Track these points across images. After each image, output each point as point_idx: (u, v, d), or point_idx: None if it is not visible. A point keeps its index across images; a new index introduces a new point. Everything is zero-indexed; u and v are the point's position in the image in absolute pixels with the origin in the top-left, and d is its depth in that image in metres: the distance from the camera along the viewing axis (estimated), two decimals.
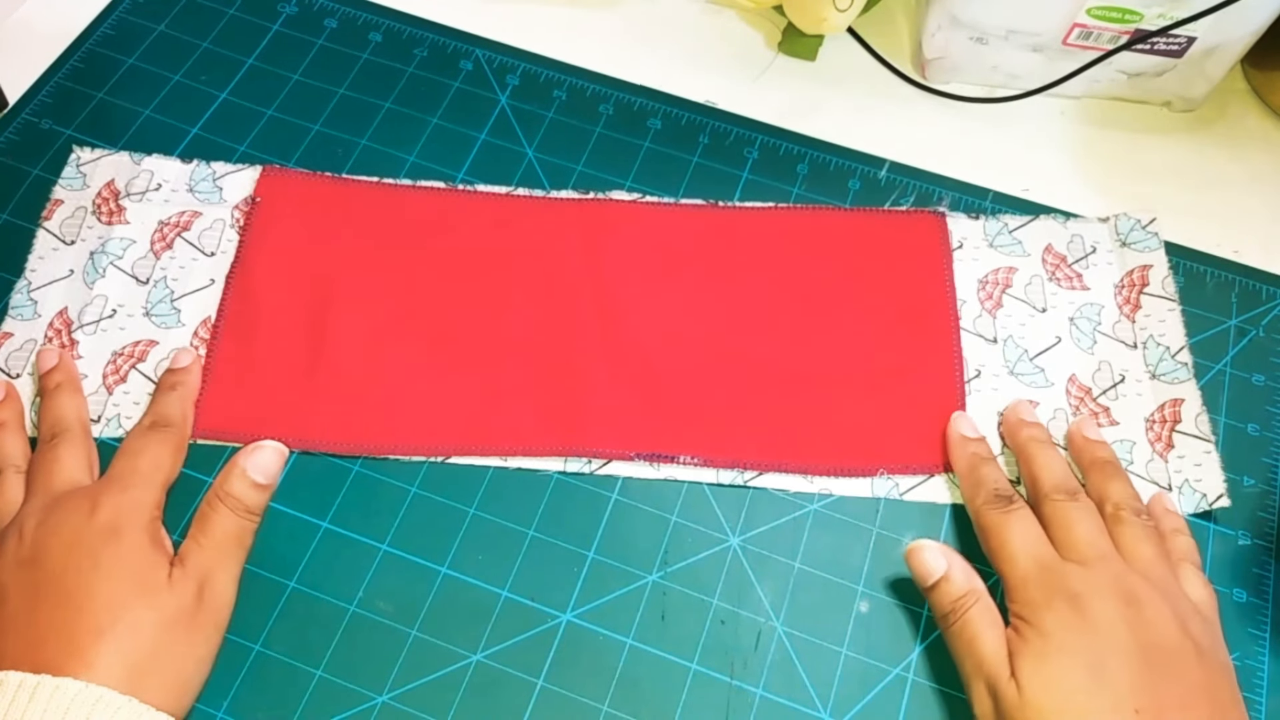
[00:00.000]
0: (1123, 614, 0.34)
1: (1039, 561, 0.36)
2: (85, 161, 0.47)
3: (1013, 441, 0.41)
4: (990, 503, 0.38)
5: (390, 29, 0.52)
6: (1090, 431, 0.41)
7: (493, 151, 0.49)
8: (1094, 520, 0.37)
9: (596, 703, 0.37)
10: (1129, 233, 0.47)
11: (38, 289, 0.43)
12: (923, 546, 0.38)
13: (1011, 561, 0.36)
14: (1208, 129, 0.52)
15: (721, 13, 0.55)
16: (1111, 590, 0.35)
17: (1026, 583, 0.36)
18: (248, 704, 0.36)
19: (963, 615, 0.36)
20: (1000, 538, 0.37)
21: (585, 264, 0.45)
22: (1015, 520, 0.37)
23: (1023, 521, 0.37)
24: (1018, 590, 0.36)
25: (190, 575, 0.35)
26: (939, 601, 0.37)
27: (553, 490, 0.41)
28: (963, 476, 0.40)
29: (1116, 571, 0.35)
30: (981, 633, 0.35)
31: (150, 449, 0.38)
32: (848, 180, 0.49)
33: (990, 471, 0.39)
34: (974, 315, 0.45)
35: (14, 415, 0.40)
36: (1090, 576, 0.35)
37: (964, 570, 0.37)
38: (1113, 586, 0.35)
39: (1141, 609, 0.34)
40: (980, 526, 0.38)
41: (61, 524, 0.34)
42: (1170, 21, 0.46)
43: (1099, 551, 0.36)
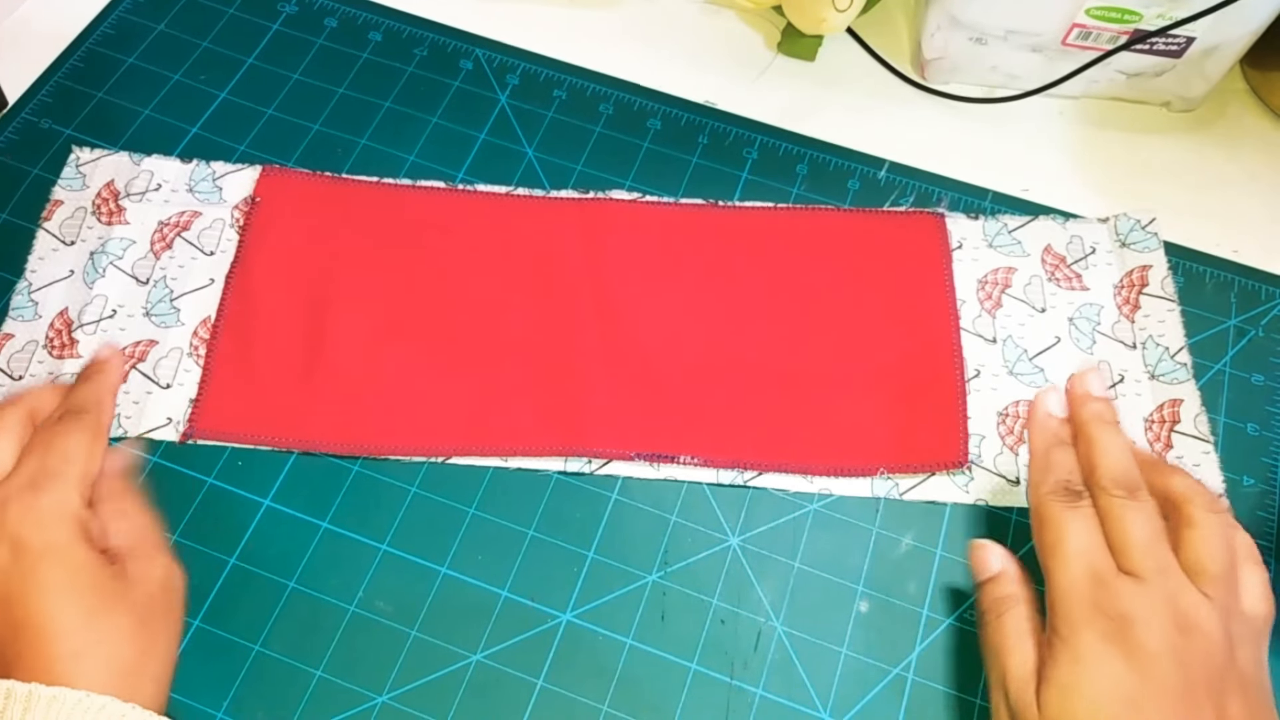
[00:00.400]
0: (1172, 644, 0.31)
1: (1092, 571, 0.33)
2: (85, 162, 0.47)
3: (1075, 417, 0.38)
4: (1056, 493, 0.35)
5: (390, 28, 0.52)
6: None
7: (493, 151, 0.49)
8: (1154, 524, 0.34)
9: (596, 703, 0.37)
10: (1128, 233, 0.47)
11: (38, 290, 0.43)
12: (984, 545, 0.36)
13: (1063, 564, 0.33)
14: (1207, 129, 0.52)
15: (721, 13, 0.55)
16: (1164, 615, 0.31)
17: (1071, 593, 0.33)
18: (248, 704, 0.36)
19: (999, 617, 0.34)
20: (1057, 533, 0.34)
21: (585, 264, 0.45)
22: (1077, 518, 0.34)
23: (1085, 522, 0.34)
24: (1061, 599, 0.33)
25: (142, 557, 0.33)
26: (982, 597, 0.36)
27: (553, 490, 0.41)
28: (1034, 455, 0.38)
29: (1173, 590, 0.32)
30: (1012, 641, 0.34)
31: (58, 441, 0.34)
32: (847, 180, 0.49)
33: (1064, 459, 0.37)
34: (973, 315, 0.45)
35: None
36: (1142, 596, 0.32)
37: (1017, 576, 0.35)
38: (1166, 610, 0.32)
39: (1193, 638, 0.31)
40: (1038, 515, 0.35)
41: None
42: (1169, 22, 0.46)
43: (1157, 564, 0.33)
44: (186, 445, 0.41)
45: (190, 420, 0.41)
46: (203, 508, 0.39)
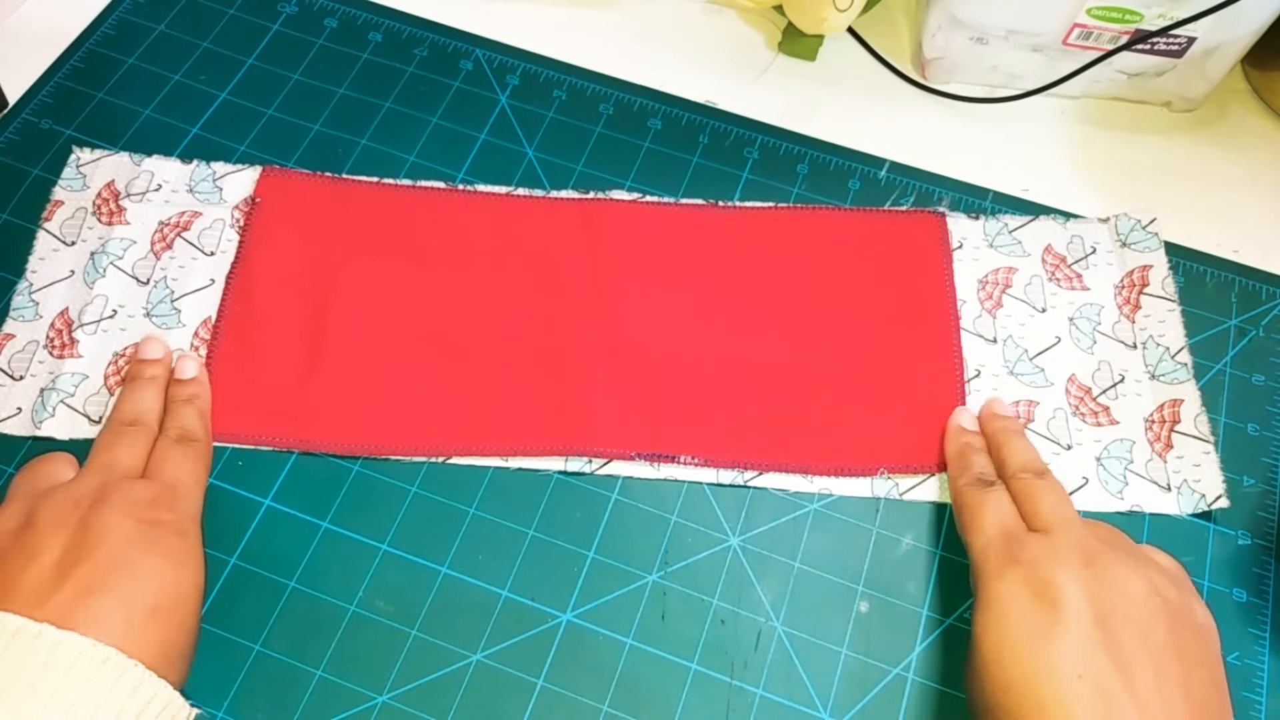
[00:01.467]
0: (1078, 575, 0.34)
1: (1002, 531, 0.36)
2: (85, 162, 0.47)
3: (985, 431, 0.42)
4: (971, 483, 0.39)
5: (390, 29, 0.52)
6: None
7: (493, 151, 0.49)
8: (1060, 493, 0.37)
9: (596, 703, 0.37)
10: (1129, 233, 0.47)
11: (39, 290, 0.43)
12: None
13: (980, 531, 0.37)
14: (1208, 129, 0.52)
15: (722, 13, 0.55)
16: (1070, 553, 0.34)
17: (986, 552, 0.36)
18: (248, 704, 0.36)
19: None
20: (972, 512, 0.38)
21: (585, 263, 0.45)
22: (990, 496, 0.38)
23: (997, 498, 0.38)
24: (978, 561, 0.36)
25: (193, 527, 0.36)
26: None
27: (553, 490, 0.41)
28: (951, 460, 0.41)
29: (1079, 535, 0.35)
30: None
31: (189, 462, 0.38)
32: (848, 180, 0.49)
33: (978, 459, 0.40)
34: (974, 315, 0.45)
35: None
36: (1049, 542, 0.35)
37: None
38: (1072, 549, 0.35)
39: (1102, 569, 0.34)
40: (957, 505, 0.39)
41: (123, 507, 0.34)
42: (1170, 22, 0.46)
43: (1062, 517, 0.36)
44: None
45: None
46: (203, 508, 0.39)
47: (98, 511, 0.34)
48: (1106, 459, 0.42)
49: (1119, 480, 0.41)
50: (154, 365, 0.41)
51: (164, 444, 0.38)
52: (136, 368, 0.41)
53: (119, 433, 0.38)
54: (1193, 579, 0.40)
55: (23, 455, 0.40)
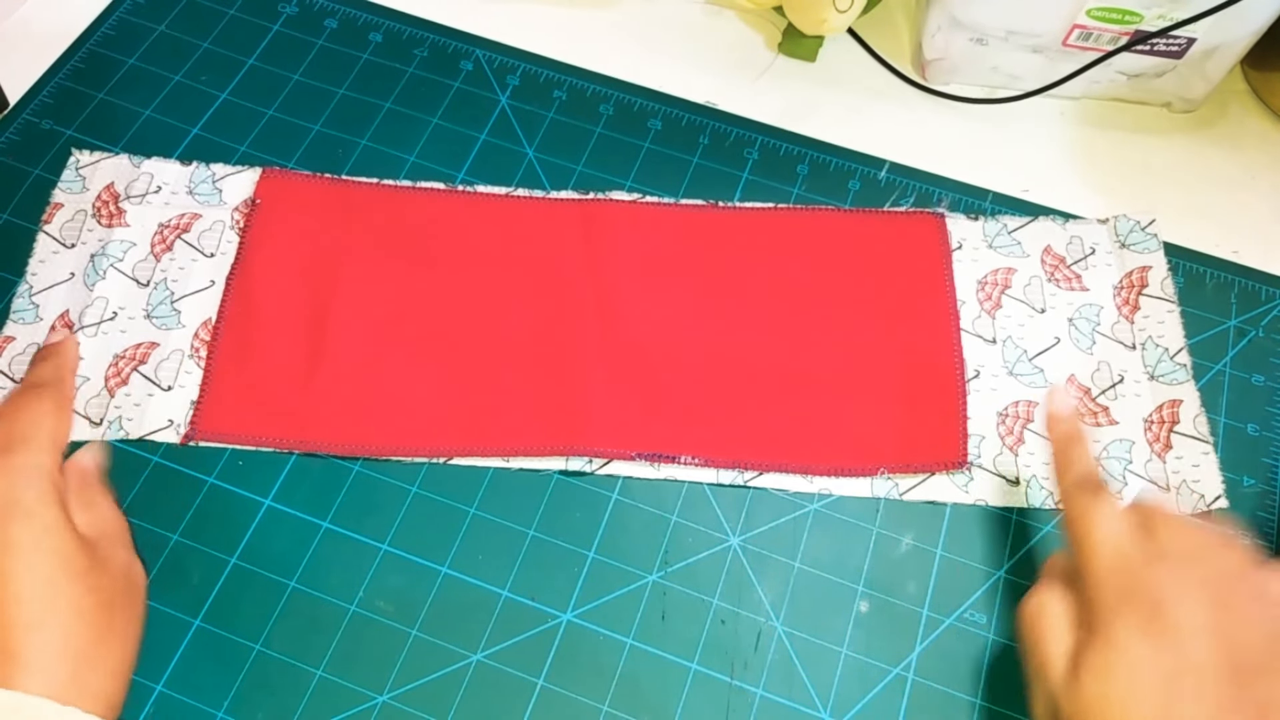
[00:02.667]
0: (1210, 620, 0.30)
1: (1122, 555, 0.32)
2: (84, 164, 0.47)
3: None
4: (1079, 486, 0.35)
5: (390, 29, 0.52)
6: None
7: (493, 151, 0.49)
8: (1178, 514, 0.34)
9: (596, 703, 0.37)
10: (1128, 234, 0.47)
11: (39, 293, 0.44)
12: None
13: (1093, 554, 0.33)
14: (1208, 130, 0.52)
15: (721, 13, 0.55)
16: (1200, 591, 0.31)
17: (1103, 582, 0.32)
18: (248, 704, 0.36)
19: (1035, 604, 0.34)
20: (1084, 526, 0.34)
21: (585, 264, 0.45)
22: (1103, 509, 0.34)
23: (1110, 512, 0.34)
24: (1093, 589, 0.32)
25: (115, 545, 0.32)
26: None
27: (553, 490, 0.41)
28: (1056, 453, 0.37)
29: (1208, 569, 0.32)
30: (1049, 631, 0.33)
31: (26, 408, 0.34)
32: (848, 181, 0.49)
33: (1081, 452, 0.36)
34: (973, 316, 0.45)
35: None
36: (1175, 575, 0.31)
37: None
38: (1202, 586, 0.31)
39: (1233, 612, 0.31)
40: (1066, 509, 0.35)
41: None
42: (1170, 22, 0.46)
43: (1192, 545, 0.32)
44: (187, 446, 0.41)
45: (191, 422, 0.41)
46: (204, 508, 0.39)
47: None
48: (1106, 459, 0.42)
49: (1118, 481, 0.41)
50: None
51: (3, 400, 0.35)
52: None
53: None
54: None
55: None
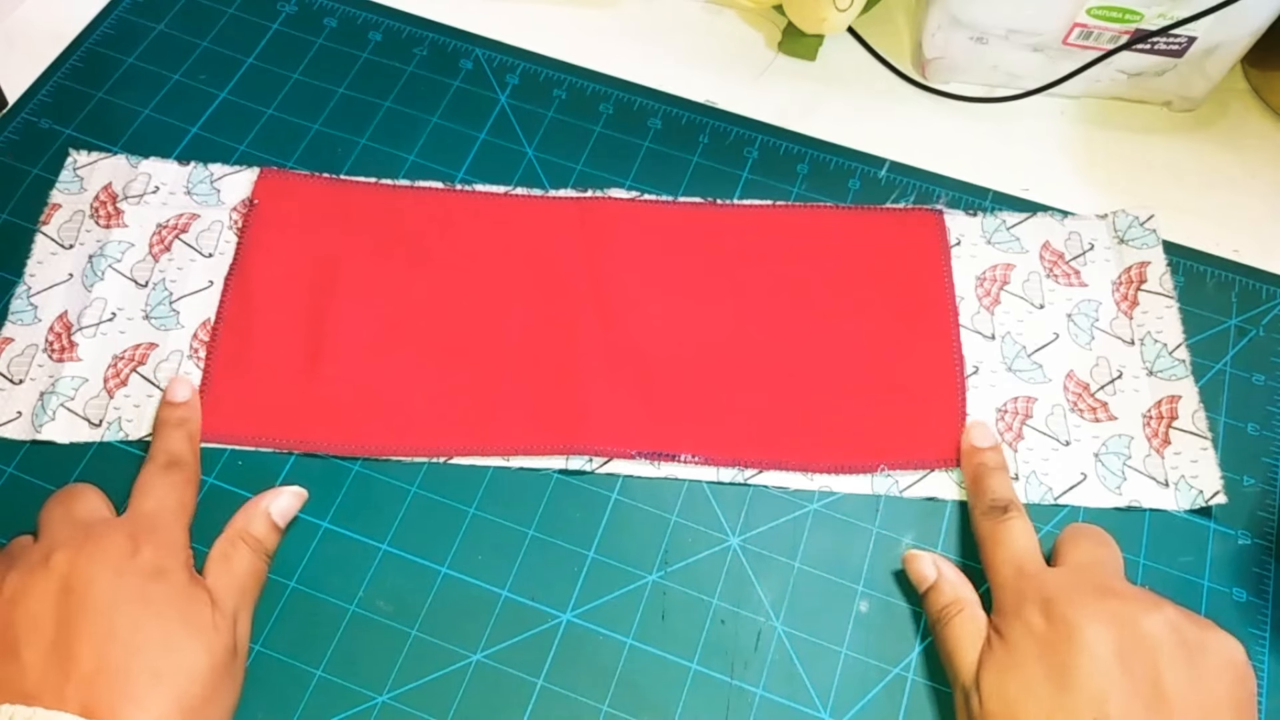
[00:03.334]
0: (1096, 612, 0.33)
1: (1019, 568, 0.36)
2: (82, 165, 0.47)
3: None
4: (986, 513, 0.38)
5: (390, 28, 0.52)
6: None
7: (492, 151, 0.49)
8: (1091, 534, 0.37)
9: (596, 703, 0.37)
10: (1127, 229, 0.47)
11: (37, 294, 0.43)
12: (916, 556, 0.39)
13: (996, 570, 0.36)
14: (1208, 129, 0.52)
15: (721, 13, 0.55)
16: (1090, 588, 0.34)
17: (1004, 589, 0.36)
18: (248, 704, 0.36)
19: (947, 624, 0.36)
20: (989, 548, 0.37)
21: (585, 262, 0.45)
22: (1006, 529, 0.37)
23: (1013, 530, 0.37)
24: (996, 599, 0.36)
25: (228, 615, 0.34)
26: (929, 609, 0.38)
27: (553, 490, 0.41)
28: (968, 486, 0.40)
29: (1101, 576, 0.35)
30: (961, 643, 0.35)
31: (175, 490, 0.37)
32: (848, 180, 0.49)
33: (992, 481, 0.39)
34: (972, 312, 0.45)
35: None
36: (1069, 577, 0.35)
37: (954, 580, 0.37)
38: (1093, 584, 0.34)
39: (1124, 601, 0.33)
40: (977, 538, 0.39)
41: (100, 558, 0.33)
42: (1170, 21, 0.46)
43: (1090, 557, 0.36)
44: None
45: None
46: (203, 508, 0.39)
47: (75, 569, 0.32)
48: (1105, 455, 0.42)
49: (1117, 476, 0.41)
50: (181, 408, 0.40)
51: (149, 470, 0.38)
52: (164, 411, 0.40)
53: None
54: (1192, 579, 0.40)
55: (21, 457, 0.40)
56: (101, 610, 0.32)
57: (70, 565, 0.32)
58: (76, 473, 0.40)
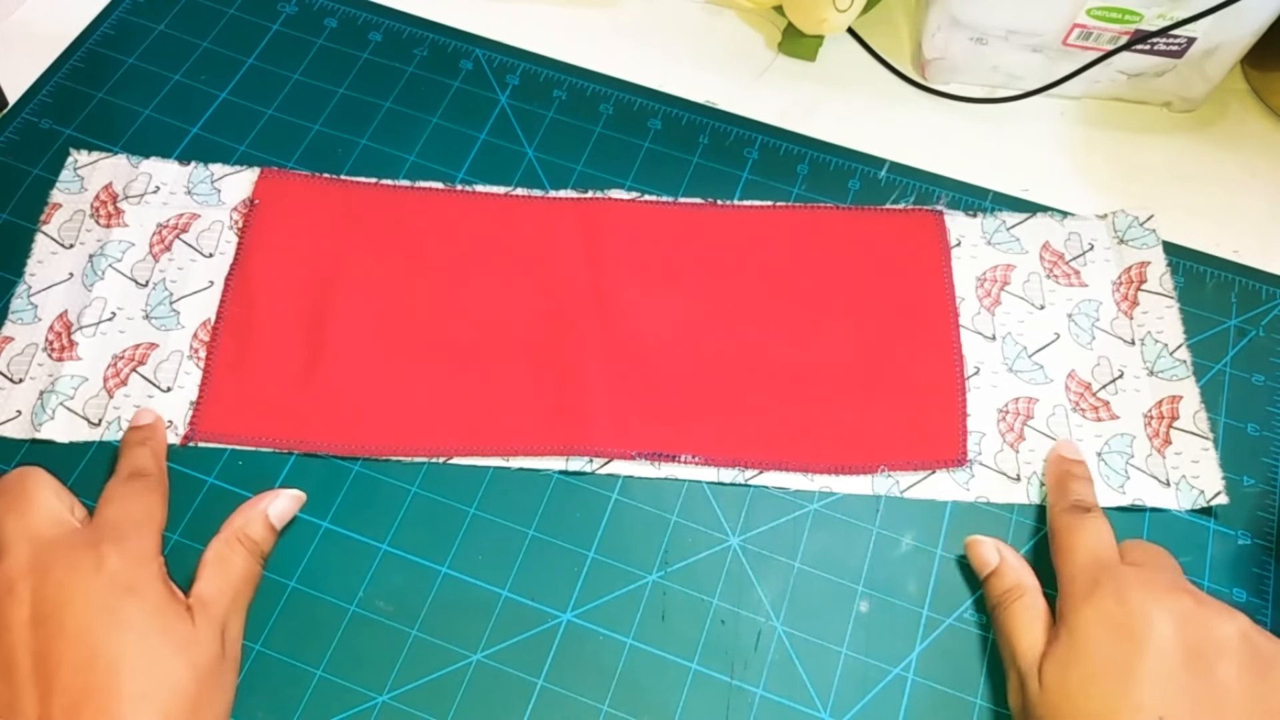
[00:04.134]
0: (1171, 608, 0.32)
1: (1096, 558, 0.35)
2: (82, 165, 0.47)
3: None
4: (1069, 509, 0.38)
5: (390, 29, 0.52)
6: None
7: (493, 151, 0.49)
8: (1153, 548, 0.37)
9: (596, 703, 0.37)
10: (1127, 229, 0.47)
11: (38, 293, 0.43)
12: (980, 541, 0.39)
13: (1070, 557, 0.36)
14: (1208, 129, 0.52)
15: (721, 13, 0.55)
16: (1165, 586, 0.33)
17: (1076, 578, 0.35)
18: (248, 704, 0.36)
19: (1008, 607, 0.36)
20: (1067, 536, 0.37)
21: (585, 263, 0.45)
22: (1089, 522, 0.37)
23: (1097, 525, 0.37)
24: (1067, 585, 0.35)
25: (213, 621, 0.33)
26: (989, 593, 0.38)
27: (553, 490, 0.41)
28: (1051, 486, 0.40)
29: (1173, 576, 0.35)
30: (1021, 627, 0.35)
31: (137, 497, 0.36)
32: (848, 180, 0.49)
33: (1078, 486, 0.39)
34: (972, 312, 0.45)
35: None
36: (1145, 574, 0.34)
37: (1016, 565, 0.38)
38: (1169, 584, 0.34)
39: (1199, 603, 0.33)
40: (1052, 530, 0.38)
41: (68, 579, 0.32)
42: (1170, 22, 0.46)
43: (1160, 563, 0.35)
44: (187, 446, 0.41)
45: (191, 423, 0.41)
46: (203, 508, 0.39)
47: (43, 597, 0.31)
48: (1107, 454, 0.42)
49: (1120, 475, 0.41)
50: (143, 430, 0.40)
51: (111, 483, 0.37)
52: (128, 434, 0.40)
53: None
54: (1192, 579, 0.40)
55: (21, 456, 0.40)
56: (77, 636, 0.31)
57: (37, 593, 0.32)
58: (76, 473, 0.40)
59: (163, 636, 0.32)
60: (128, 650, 0.31)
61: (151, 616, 0.32)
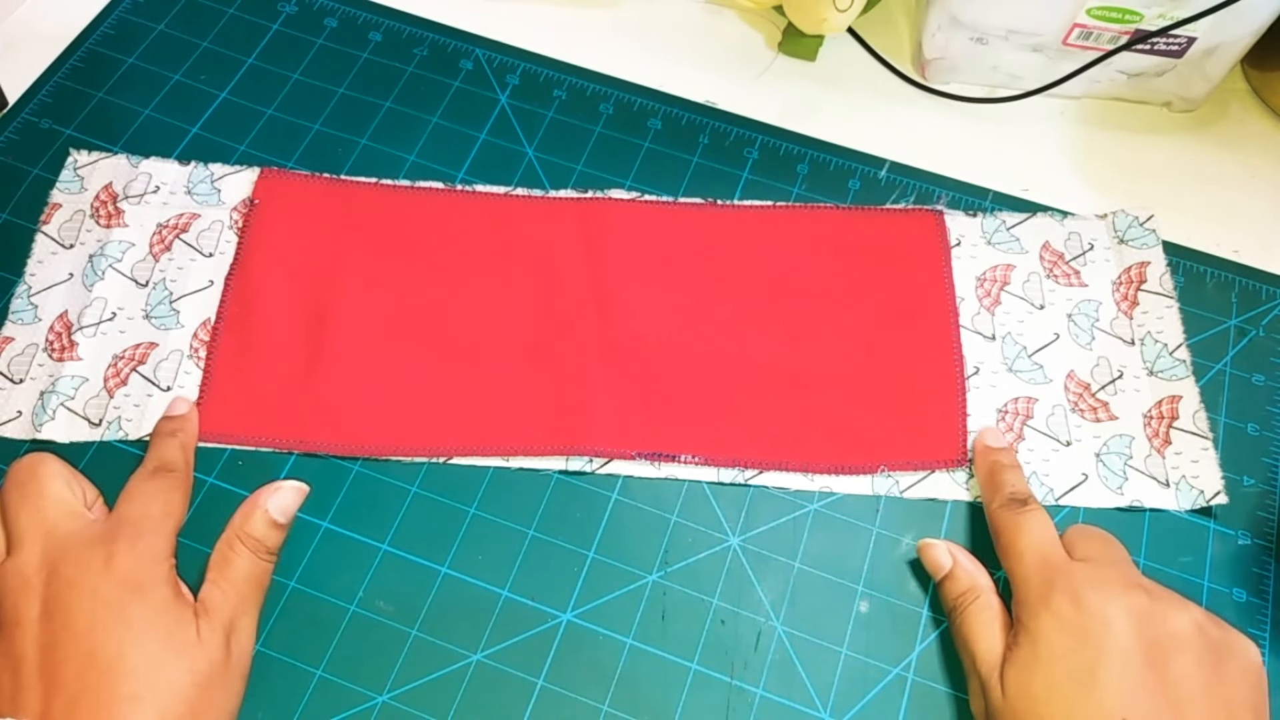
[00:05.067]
0: (1128, 606, 0.33)
1: (1045, 559, 0.35)
2: (82, 165, 0.47)
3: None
4: (1005, 505, 0.38)
5: (390, 28, 0.52)
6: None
7: (493, 151, 0.49)
8: (1097, 534, 0.37)
9: (596, 703, 0.37)
10: (1126, 229, 0.47)
11: (38, 293, 0.43)
12: (931, 544, 0.39)
13: (1018, 559, 0.36)
14: (1208, 129, 0.52)
15: (721, 13, 0.55)
16: (1119, 583, 0.34)
17: (1028, 581, 0.35)
18: (248, 704, 0.36)
19: (963, 611, 0.36)
20: (1010, 536, 0.37)
21: (585, 263, 0.45)
22: (1028, 519, 0.37)
23: (1035, 520, 0.37)
24: (1019, 589, 0.35)
25: (217, 626, 0.33)
26: (944, 597, 0.38)
27: (553, 490, 0.41)
28: (983, 482, 0.40)
29: (1124, 570, 0.35)
30: (978, 630, 0.35)
31: (160, 494, 0.36)
32: (848, 180, 0.49)
33: (1009, 476, 0.39)
34: (972, 312, 0.45)
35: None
36: (1097, 572, 0.34)
37: (969, 568, 0.38)
38: (1121, 580, 0.34)
39: (1153, 598, 0.33)
40: (994, 529, 0.38)
41: (78, 576, 0.32)
42: (1170, 22, 0.46)
43: (1106, 555, 0.36)
44: None
45: None
46: (203, 508, 0.39)
47: (53, 592, 0.32)
48: (1106, 454, 0.42)
49: (1119, 476, 0.41)
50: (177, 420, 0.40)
51: (136, 476, 0.37)
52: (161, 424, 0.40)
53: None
54: (1192, 579, 0.40)
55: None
56: (82, 633, 0.31)
57: (49, 588, 0.32)
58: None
59: (164, 639, 0.32)
60: (128, 651, 0.31)
61: (155, 617, 0.32)
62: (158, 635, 0.32)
